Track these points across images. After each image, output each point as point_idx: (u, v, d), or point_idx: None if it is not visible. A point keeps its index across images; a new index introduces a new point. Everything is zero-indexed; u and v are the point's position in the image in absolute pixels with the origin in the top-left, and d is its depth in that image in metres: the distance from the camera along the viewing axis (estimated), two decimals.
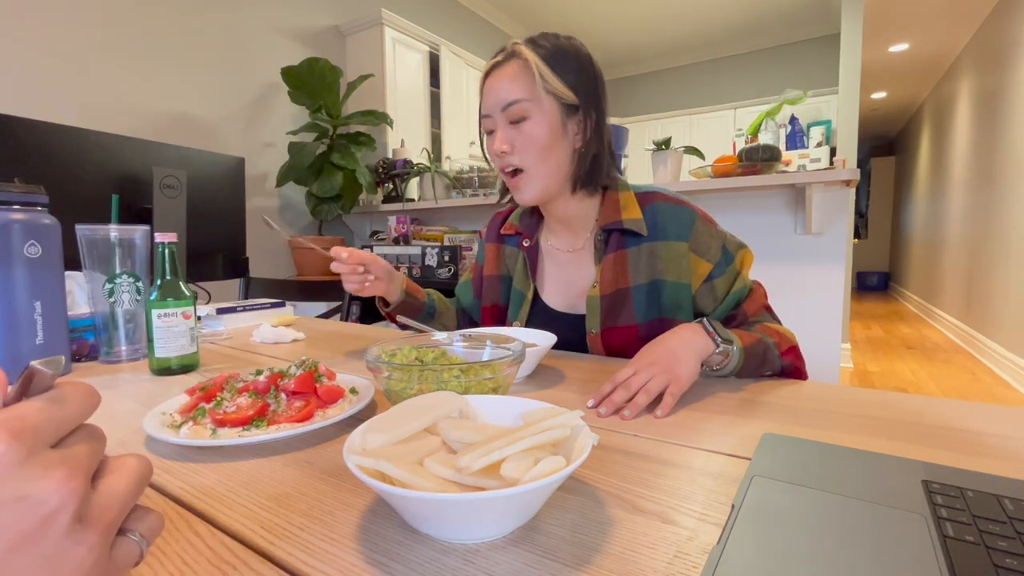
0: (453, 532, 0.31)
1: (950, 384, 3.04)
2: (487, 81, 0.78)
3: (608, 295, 0.81)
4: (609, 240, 0.82)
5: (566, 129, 0.78)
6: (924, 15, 4.02)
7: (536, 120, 0.75)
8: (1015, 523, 0.31)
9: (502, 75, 0.76)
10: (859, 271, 8.59)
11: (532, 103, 0.75)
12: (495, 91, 0.77)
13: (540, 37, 0.78)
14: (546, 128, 0.75)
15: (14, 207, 0.66)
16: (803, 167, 2.42)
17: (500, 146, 0.77)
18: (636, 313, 0.80)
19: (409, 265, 2.47)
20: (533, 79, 0.74)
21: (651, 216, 0.80)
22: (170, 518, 0.35)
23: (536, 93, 0.74)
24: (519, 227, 0.93)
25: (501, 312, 0.95)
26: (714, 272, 0.78)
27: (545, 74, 0.74)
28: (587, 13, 4.70)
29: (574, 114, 0.78)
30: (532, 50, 0.75)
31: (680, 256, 0.78)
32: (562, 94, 0.75)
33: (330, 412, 0.52)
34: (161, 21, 2.30)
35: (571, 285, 0.87)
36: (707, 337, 0.63)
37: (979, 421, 0.50)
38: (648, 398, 0.55)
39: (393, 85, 3.13)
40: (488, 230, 1.00)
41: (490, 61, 0.79)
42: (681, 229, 0.78)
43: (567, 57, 0.76)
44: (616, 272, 0.81)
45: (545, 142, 0.76)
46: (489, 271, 0.97)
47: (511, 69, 0.76)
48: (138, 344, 0.83)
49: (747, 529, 0.31)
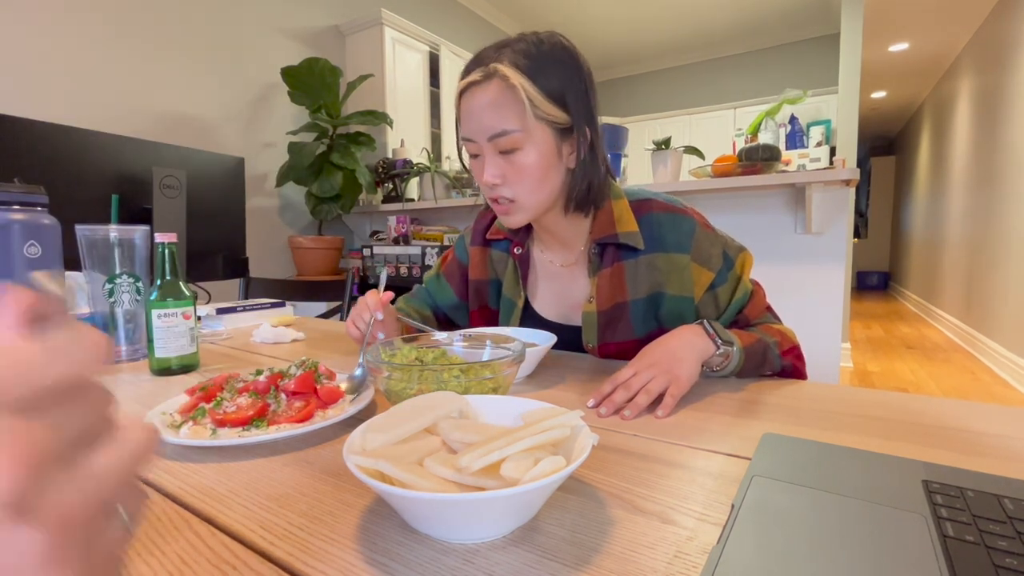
0: (453, 532, 0.31)
1: (950, 384, 3.04)
2: (465, 100, 0.69)
3: (605, 310, 0.77)
4: (604, 254, 0.78)
5: (560, 152, 0.70)
6: (924, 15, 4.03)
7: (528, 151, 0.67)
8: (1015, 523, 0.31)
9: (483, 98, 0.66)
10: (859, 271, 8.59)
11: (523, 134, 0.66)
12: (477, 116, 0.67)
13: (517, 43, 0.68)
14: (539, 158, 0.68)
15: (14, 207, 0.66)
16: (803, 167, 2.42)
17: (490, 179, 0.69)
18: (635, 328, 0.77)
19: (409, 265, 2.47)
20: (522, 107, 0.65)
21: (648, 227, 0.75)
22: (170, 518, 0.35)
23: (527, 123, 0.66)
24: (508, 234, 0.87)
25: (491, 314, 0.92)
26: (716, 281, 0.74)
27: (535, 99, 0.65)
28: (587, 13, 4.70)
29: (569, 135, 0.70)
30: (515, 69, 0.65)
31: (681, 268, 0.74)
32: (555, 117, 0.67)
33: (330, 412, 0.52)
34: (161, 21, 2.30)
35: (565, 297, 0.84)
36: (707, 339, 0.63)
37: (979, 421, 0.50)
38: (648, 398, 0.55)
39: (393, 85, 3.13)
40: (473, 233, 0.93)
41: (465, 77, 0.68)
42: (681, 239, 0.74)
43: (554, 67, 0.68)
44: (613, 287, 0.77)
45: (539, 173, 0.69)
46: (476, 275, 0.91)
47: (493, 92, 0.66)
48: (138, 344, 0.83)
49: (747, 529, 0.31)
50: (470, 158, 0.75)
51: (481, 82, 0.67)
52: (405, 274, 2.49)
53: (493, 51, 0.68)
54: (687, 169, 2.10)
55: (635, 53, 5.59)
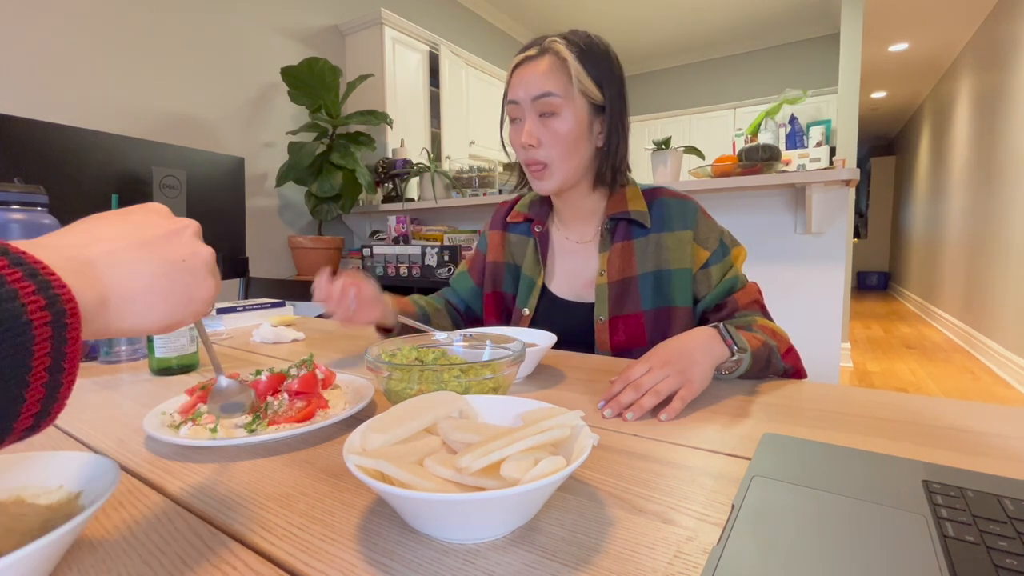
0: (453, 532, 0.31)
1: (950, 384, 3.04)
2: (517, 71, 0.79)
3: (615, 283, 0.83)
4: (616, 230, 0.86)
5: (591, 128, 0.80)
6: (924, 15, 4.03)
7: (565, 117, 0.77)
8: (1015, 523, 0.31)
9: (536, 68, 0.77)
10: (859, 271, 8.59)
11: (564, 100, 0.76)
12: (527, 82, 0.77)
13: (572, 34, 0.79)
14: (574, 125, 0.78)
15: (14, 207, 0.66)
16: (803, 167, 2.43)
17: (527, 139, 0.78)
18: (642, 301, 0.82)
19: (409, 265, 2.47)
20: (568, 76, 0.76)
21: (658, 210, 0.84)
22: (170, 518, 0.35)
23: (570, 91, 0.76)
24: (528, 214, 0.95)
25: (503, 299, 0.95)
26: (711, 260, 0.82)
27: (580, 74, 0.76)
28: (587, 13, 4.70)
29: (600, 114, 0.81)
30: (567, 47, 0.77)
31: (684, 243, 0.82)
32: (592, 95, 0.78)
33: (330, 412, 0.52)
34: (161, 21, 2.30)
35: (577, 274, 0.89)
36: (724, 345, 0.62)
37: (979, 421, 0.50)
38: (656, 400, 0.54)
39: (393, 85, 3.13)
40: (493, 219, 1.02)
41: (521, 53, 0.80)
42: (686, 219, 0.83)
43: (599, 57, 0.79)
44: (623, 261, 0.84)
45: (572, 140, 0.78)
46: (493, 257, 0.98)
47: (546, 64, 0.77)
48: (138, 344, 0.83)
49: (747, 529, 0.31)
50: (510, 124, 0.83)
51: (535, 56, 0.78)
52: (405, 274, 2.49)
53: (549, 36, 0.80)
54: (687, 169, 2.10)
55: (635, 53, 5.59)
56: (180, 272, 0.30)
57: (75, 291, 0.23)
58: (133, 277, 0.28)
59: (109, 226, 0.29)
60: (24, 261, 0.22)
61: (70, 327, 0.22)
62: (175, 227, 0.32)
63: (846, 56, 3.50)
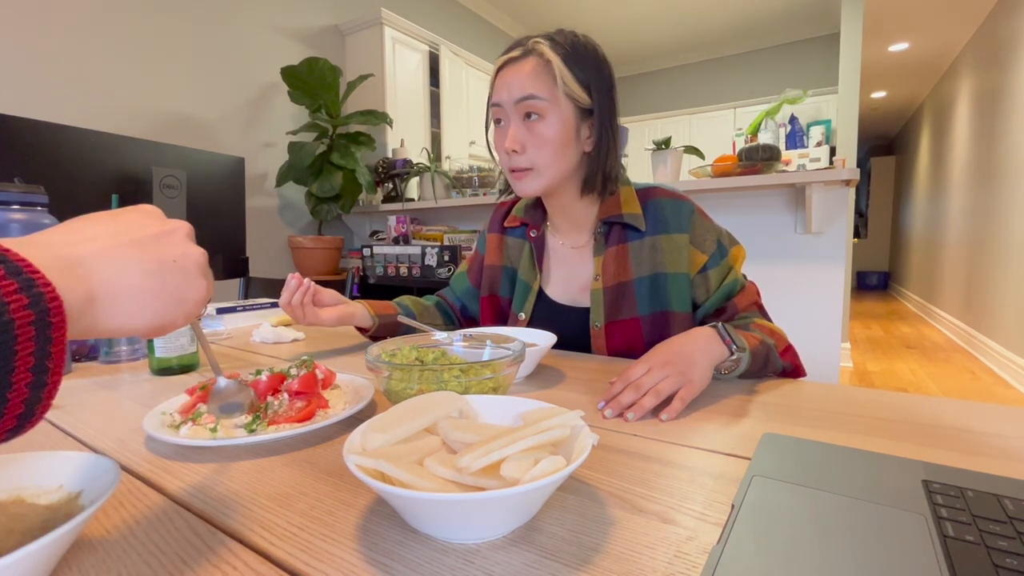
0: (453, 532, 0.31)
1: (950, 384, 3.04)
2: (501, 73, 0.77)
3: (611, 287, 0.81)
4: (610, 234, 0.83)
5: (579, 133, 0.77)
6: (924, 15, 4.03)
7: (550, 120, 0.74)
8: (1015, 523, 0.31)
9: (519, 70, 0.74)
10: (859, 271, 8.59)
11: (549, 103, 0.74)
12: (509, 84, 0.75)
13: (558, 35, 0.77)
14: (560, 129, 0.75)
15: (14, 207, 0.66)
16: (803, 167, 2.43)
17: (511, 145, 0.75)
18: (639, 306, 0.80)
19: (409, 265, 2.47)
20: (553, 79, 0.73)
21: (652, 211, 0.81)
22: (170, 518, 0.35)
23: (555, 94, 0.74)
24: (524, 218, 0.93)
25: (499, 303, 0.94)
26: (708, 263, 0.79)
27: (565, 76, 0.73)
28: (587, 13, 4.70)
29: (588, 118, 0.78)
30: (552, 49, 0.74)
31: (681, 247, 0.79)
32: (579, 98, 0.75)
33: (330, 412, 0.52)
34: (161, 21, 2.30)
35: (573, 279, 0.88)
36: (723, 345, 0.62)
37: (979, 421, 0.50)
38: (656, 400, 0.54)
39: (393, 85, 3.13)
40: (492, 221, 1.00)
41: (504, 55, 0.77)
42: (681, 221, 0.80)
43: (586, 58, 0.76)
44: (618, 265, 0.82)
45: (557, 144, 0.75)
46: (491, 260, 0.97)
47: (530, 65, 0.74)
48: (138, 344, 0.83)
49: (747, 529, 0.31)
50: (494, 127, 0.81)
51: (519, 58, 0.75)
52: (405, 274, 2.49)
53: (533, 37, 0.77)
54: (687, 169, 2.10)
55: (635, 53, 5.59)
56: (171, 272, 0.30)
57: (61, 289, 0.23)
58: (123, 275, 0.27)
59: (100, 225, 0.29)
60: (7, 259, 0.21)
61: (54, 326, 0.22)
62: (167, 228, 0.32)
63: (846, 56, 3.50)
